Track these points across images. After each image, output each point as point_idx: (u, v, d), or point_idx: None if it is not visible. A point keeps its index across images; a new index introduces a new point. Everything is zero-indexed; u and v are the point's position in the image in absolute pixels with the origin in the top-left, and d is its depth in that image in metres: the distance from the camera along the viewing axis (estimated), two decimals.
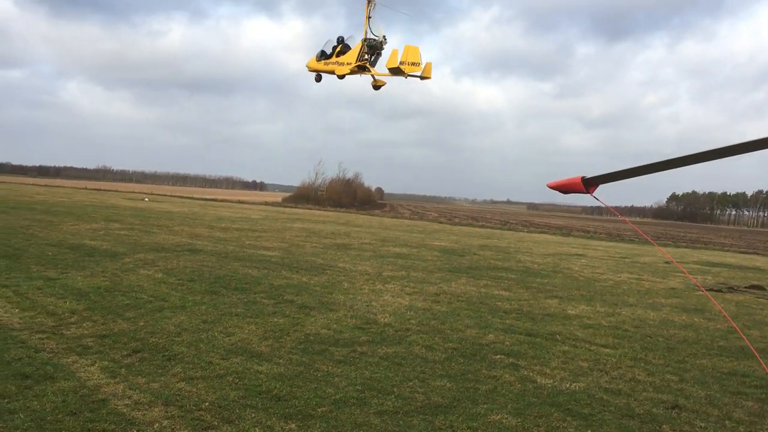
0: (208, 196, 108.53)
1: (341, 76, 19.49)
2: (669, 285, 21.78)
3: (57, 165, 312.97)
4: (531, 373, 9.54)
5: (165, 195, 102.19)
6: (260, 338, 10.58)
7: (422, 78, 18.66)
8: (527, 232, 61.79)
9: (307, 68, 20.18)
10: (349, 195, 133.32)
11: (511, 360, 10.23)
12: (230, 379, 8.35)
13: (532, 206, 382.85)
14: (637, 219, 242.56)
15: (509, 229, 64.65)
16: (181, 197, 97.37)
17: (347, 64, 19.16)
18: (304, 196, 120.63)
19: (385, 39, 19.14)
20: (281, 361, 9.34)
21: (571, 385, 9.08)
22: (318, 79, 20.34)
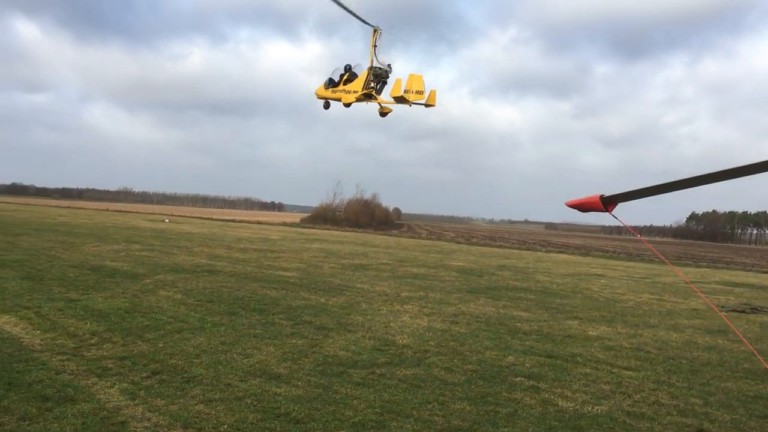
0: (227, 217, 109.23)
1: (348, 104, 19.84)
2: (691, 306, 21.48)
3: (79, 187, 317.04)
4: (552, 396, 9.42)
5: (185, 216, 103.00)
6: (279, 360, 10.56)
7: (427, 105, 18.95)
8: (546, 251, 61.40)
9: (315, 95, 20.57)
10: (366, 215, 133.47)
11: (531, 382, 10.12)
12: (249, 401, 8.34)
13: (550, 226, 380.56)
14: (657, 238, 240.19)
15: (527, 249, 64.29)
16: (201, 218, 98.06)
17: (354, 92, 19.52)
18: (322, 217, 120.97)
19: (391, 68, 19.45)
20: (300, 383, 9.32)
21: (593, 408, 8.95)
22: (326, 106, 20.75)
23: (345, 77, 19.86)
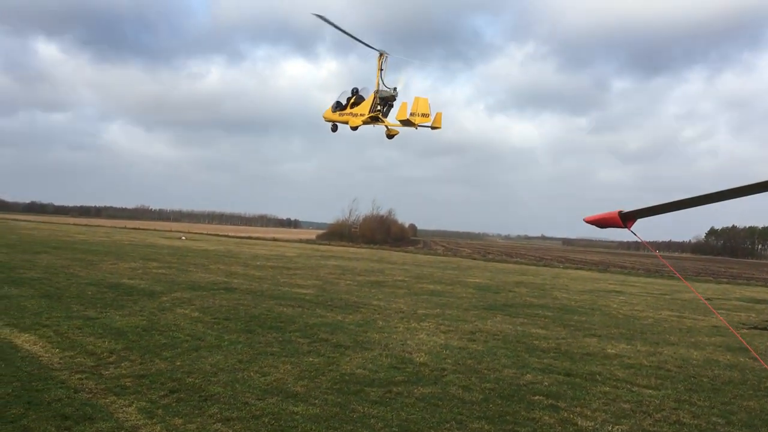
0: (243, 234, 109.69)
1: (355, 128, 20.14)
2: (711, 323, 21.21)
3: (97, 205, 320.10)
4: (571, 415, 9.32)
5: (201, 233, 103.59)
6: (296, 378, 10.55)
7: (433, 128, 19.21)
8: (563, 268, 60.98)
9: (323, 118, 20.88)
10: (382, 232, 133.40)
11: (550, 401, 10.02)
12: (266, 420, 8.32)
13: (567, 241, 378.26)
14: (675, 254, 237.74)
15: (544, 265, 63.90)
16: (217, 235, 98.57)
17: (360, 115, 19.83)
18: (338, 233, 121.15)
19: (397, 91, 19.72)
20: (317, 401, 9.29)
21: (613, 427, 8.84)
22: (334, 129, 21.11)
23: (352, 100, 20.19)
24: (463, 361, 12.66)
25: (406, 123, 19.03)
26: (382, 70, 19.39)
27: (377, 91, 19.60)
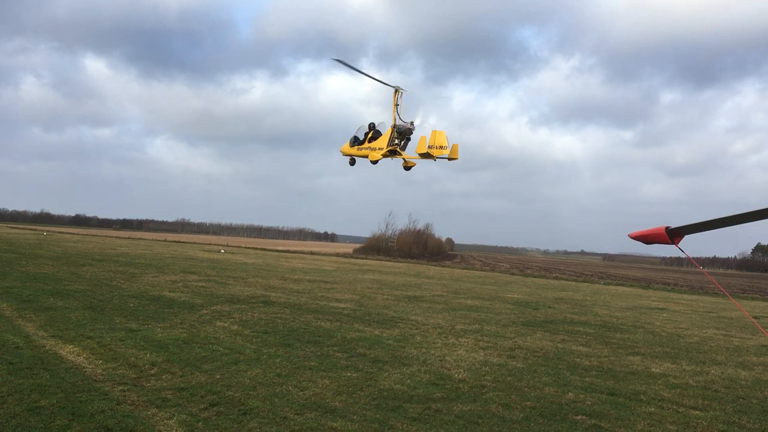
0: (281, 248, 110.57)
1: (375, 162, 20.54)
2: (760, 342, 20.56)
3: (139, 218, 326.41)
4: None
5: (240, 246, 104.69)
6: (334, 393, 10.51)
7: (450, 159, 19.54)
8: (604, 284, 59.93)
9: (341, 153, 21.28)
10: (419, 246, 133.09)
11: (593, 421, 9.79)
12: None
13: (607, 257, 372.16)
14: (720, 271, 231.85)
15: (585, 281, 62.90)
16: (255, 249, 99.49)
17: (379, 149, 20.23)
18: (375, 247, 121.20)
19: (413, 125, 20.10)
20: (355, 417, 9.23)
21: None
22: (352, 163, 21.60)
23: (369, 135, 20.62)
24: (503, 378, 12.48)
25: (424, 156, 19.44)
26: (397, 105, 19.85)
27: (394, 126, 20.05)
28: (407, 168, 20.39)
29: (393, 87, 19.69)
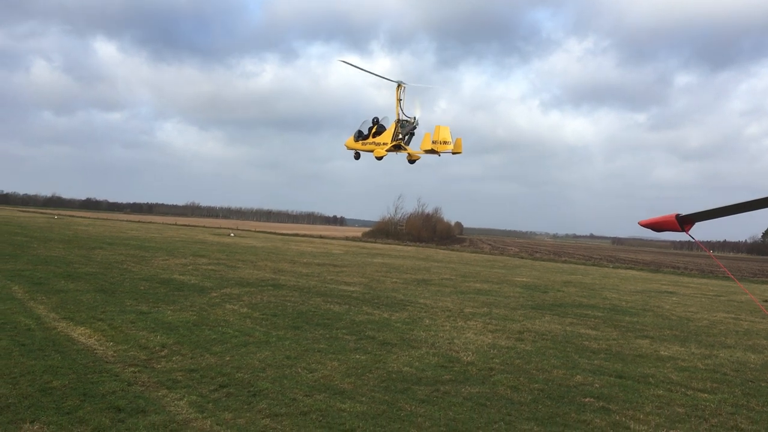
0: (290, 231, 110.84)
1: (380, 158, 20.76)
2: None
3: (149, 202, 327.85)
4: (623, 418, 9.10)
5: (249, 230, 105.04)
6: (343, 375, 10.57)
7: (453, 153, 19.85)
8: (613, 267, 59.80)
9: (345, 147, 21.42)
10: (428, 230, 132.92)
11: (601, 403, 9.81)
12: (314, 416, 8.36)
13: (616, 241, 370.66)
14: (731, 255, 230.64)
15: (594, 265, 62.78)
16: (265, 232, 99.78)
17: (383, 144, 20.43)
18: (384, 231, 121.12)
19: (417, 120, 20.29)
20: (364, 398, 9.29)
21: None
22: (357, 157, 21.80)
23: (373, 130, 20.75)
24: (512, 361, 12.51)
25: (429, 151, 19.69)
26: (401, 99, 20.01)
27: (398, 121, 20.21)
28: (411, 161, 20.59)
29: (395, 82, 19.82)
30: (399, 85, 19.72)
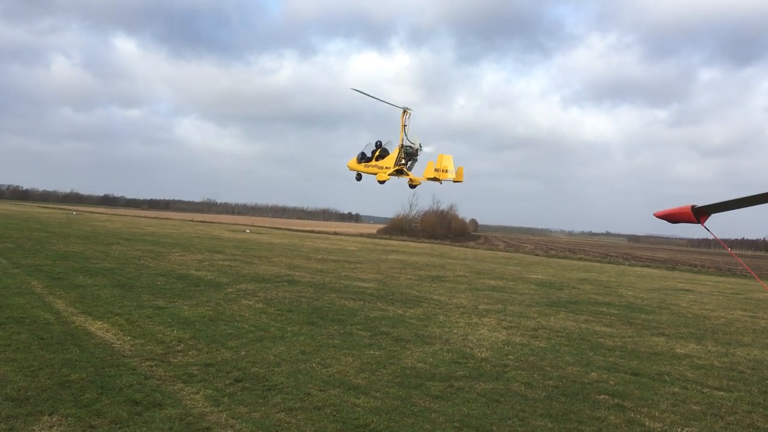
0: (305, 228, 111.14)
1: (382, 182, 21.16)
2: None
3: (166, 198, 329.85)
4: (638, 416, 9.07)
5: (265, 227, 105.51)
6: (357, 370, 10.62)
7: (455, 181, 20.27)
8: (629, 265, 59.41)
9: (347, 167, 21.77)
10: (443, 227, 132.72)
11: (616, 400, 9.78)
12: (328, 411, 8.41)
13: (633, 238, 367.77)
14: (748, 252, 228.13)
15: (609, 262, 62.40)
16: (280, 229, 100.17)
17: (386, 168, 20.83)
18: (399, 228, 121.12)
19: (421, 146, 20.68)
20: (378, 394, 9.33)
21: (682, 430, 8.56)
22: (358, 178, 22.22)
23: (377, 153, 21.15)
24: (526, 357, 12.49)
25: (431, 179, 20.15)
26: (405, 125, 20.43)
27: (402, 146, 20.60)
28: (412, 186, 21.03)
29: (401, 108, 20.16)
30: (404, 111, 20.10)
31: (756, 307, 24.98)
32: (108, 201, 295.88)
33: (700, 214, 4.20)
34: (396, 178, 21.05)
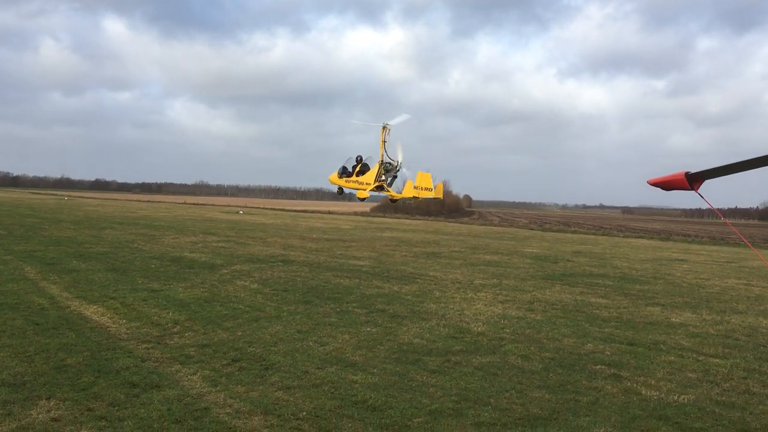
0: (299, 208, 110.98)
1: (362, 199, 21.39)
2: None
3: (158, 182, 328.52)
4: (635, 385, 9.11)
5: (258, 208, 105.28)
6: (354, 348, 10.63)
7: (434, 198, 20.53)
8: (623, 237, 59.63)
9: (329, 181, 21.92)
10: (437, 203, 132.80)
11: (612, 370, 9.82)
12: (326, 388, 8.41)
13: (626, 210, 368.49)
14: (741, 221, 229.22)
15: (604, 235, 62.63)
16: (274, 209, 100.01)
17: (366, 184, 21.03)
18: (393, 206, 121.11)
19: (400, 163, 20.89)
20: (375, 370, 9.34)
21: (679, 397, 8.61)
22: (340, 192, 22.39)
23: (357, 168, 21.25)
24: (522, 330, 12.53)
25: (411, 198, 20.40)
26: (385, 141, 20.61)
27: (382, 162, 20.73)
28: (393, 201, 21.25)
29: (380, 125, 20.29)
30: (384, 127, 20.26)
31: (750, 275, 25.13)
32: (99, 186, 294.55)
33: (694, 180, 4.16)
34: (377, 194, 21.34)
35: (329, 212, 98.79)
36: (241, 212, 78.00)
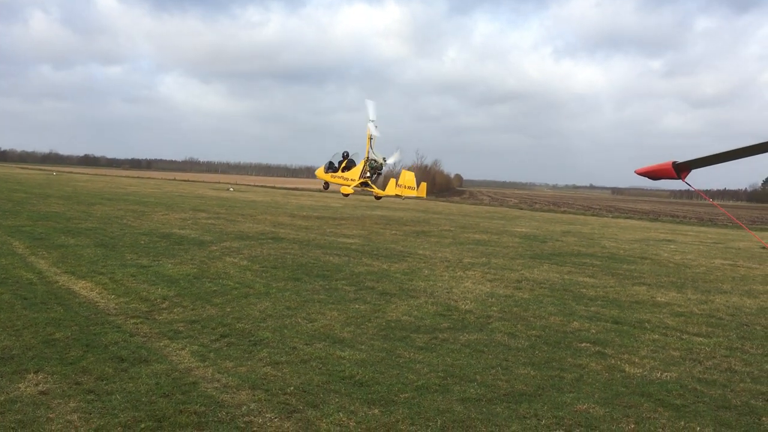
0: (289, 185, 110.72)
1: (346, 195, 21.41)
2: (766, 271, 20.65)
3: (148, 158, 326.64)
4: (619, 362, 9.24)
5: (248, 185, 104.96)
6: (342, 324, 10.70)
7: (417, 197, 20.61)
8: (612, 217, 59.95)
9: (316, 176, 21.92)
10: (427, 182, 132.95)
11: (597, 348, 9.95)
12: (314, 364, 8.49)
13: (616, 191, 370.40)
14: (730, 202, 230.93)
15: (593, 215, 62.94)
16: (264, 186, 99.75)
17: (351, 180, 21.12)
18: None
19: (385, 161, 20.93)
20: (363, 347, 9.42)
21: (661, 374, 8.74)
22: (325, 187, 22.49)
23: (343, 164, 21.26)
24: (509, 308, 12.64)
25: (394, 195, 20.43)
26: (371, 139, 20.58)
27: (367, 159, 20.71)
28: (378, 197, 21.30)
29: (370, 120, 20.20)
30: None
31: (736, 256, 25.38)
32: (89, 161, 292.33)
33: (681, 169, 4.20)
34: (361, 190, 21.38)
35: (320, 190, 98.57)
36: (231, 189, 77.76)
